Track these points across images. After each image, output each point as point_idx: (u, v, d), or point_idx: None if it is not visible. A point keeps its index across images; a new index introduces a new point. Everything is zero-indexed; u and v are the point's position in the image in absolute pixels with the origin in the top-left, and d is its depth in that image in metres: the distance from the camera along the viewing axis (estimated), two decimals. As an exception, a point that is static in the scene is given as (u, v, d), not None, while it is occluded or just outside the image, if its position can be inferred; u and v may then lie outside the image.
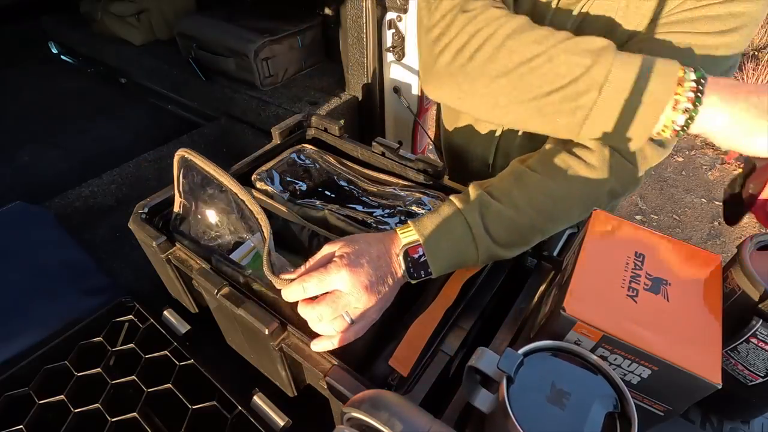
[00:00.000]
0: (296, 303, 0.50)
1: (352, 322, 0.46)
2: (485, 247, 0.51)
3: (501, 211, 0.51)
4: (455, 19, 0.52)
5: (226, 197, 0.56)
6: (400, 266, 0.49)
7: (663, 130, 0.46)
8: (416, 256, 0.49)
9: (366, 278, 0.45)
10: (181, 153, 0.55)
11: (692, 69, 0.44)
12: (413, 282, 0.50)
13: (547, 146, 0.57)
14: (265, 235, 0.48)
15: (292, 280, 0.46)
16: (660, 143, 0.54)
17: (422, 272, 0.49)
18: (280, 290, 0.51)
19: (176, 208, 0.60)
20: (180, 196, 0.59)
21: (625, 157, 0.53)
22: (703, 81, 0.44)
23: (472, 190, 0.54)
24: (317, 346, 0.46)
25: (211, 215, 0.59)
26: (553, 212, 0.54)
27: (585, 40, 0.47)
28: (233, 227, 0.59)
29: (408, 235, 0.49)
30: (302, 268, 0.47)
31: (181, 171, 0.57)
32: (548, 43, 0.47)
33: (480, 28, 0.50)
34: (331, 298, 0.44)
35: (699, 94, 0.43)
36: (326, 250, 0.48)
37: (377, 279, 0.46)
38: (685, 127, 0.45)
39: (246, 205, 0.51)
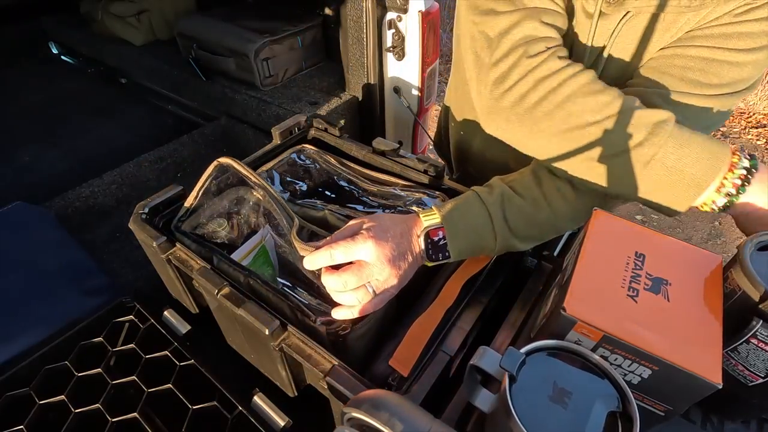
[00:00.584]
0: (297, 305, 0.50)
1: (374, 293, 0.47)
2: (503, 238, 0.53)
3: (522, 206, 0.54)
4: (519, 63, 0.52)
5: (254, 197, 0.62)
6: (420, 247, 0.51)
7: (702, 206, 0.49)
8: (436, 239, 0.51)
9: (390, 252, 0.47)
10: (223, 161, 0.59)
11: (748, 156, 0.46)
12: (430, 264, 0.52)
13: None
14: (295, 220, 0.56)
15: (318, 248, 0.47)
16: None
17: (440, 255, 0.51)
18: (280, 290, 0.51)
19: (187, 204, 0.61)
20: (196, 197, 0.60)
21: None
22: (753, 170, 0.45)
23: (495, 183, 0.56)
24: (338, 313, 0.48)
25: (232, 211, 0.62)
26: (571, 212, 0.55)
27: (645, 113, 0.48)
28: (246, 227, 0.63)
29: (430, 219, 0.51)
30: (327, 239, 0.49)
31: (213, 173, 0.60)
32: (605, 112, 0.48)
33: (542, 78, 0.51)
34: (356, 267, 0.46)
35: (746, 183, 0.45)
36: (351, 223, 0.50)
37: (399, 254, 0.48)
38: (723, 209, 0.47)
39: (280, 204, 0.58)
